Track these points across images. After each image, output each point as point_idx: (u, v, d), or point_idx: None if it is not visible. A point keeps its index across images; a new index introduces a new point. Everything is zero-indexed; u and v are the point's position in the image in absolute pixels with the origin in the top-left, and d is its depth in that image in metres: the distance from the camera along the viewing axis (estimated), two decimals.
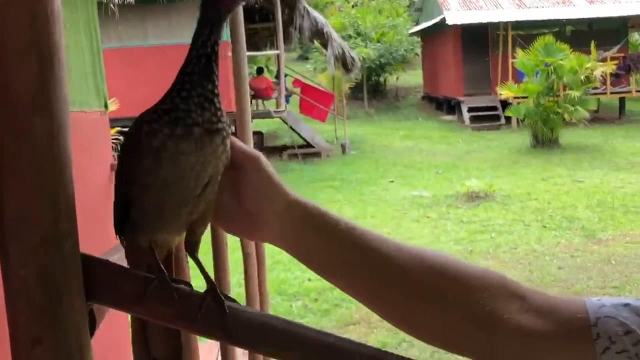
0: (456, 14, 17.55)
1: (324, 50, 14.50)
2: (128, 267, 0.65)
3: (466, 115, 17.29)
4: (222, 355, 1.52)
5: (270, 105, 13.64)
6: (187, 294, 0.59)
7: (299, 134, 13.16)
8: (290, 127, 12.93)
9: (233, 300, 0.59)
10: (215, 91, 0.55)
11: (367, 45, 19.88)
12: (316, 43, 15.77)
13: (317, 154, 12.98)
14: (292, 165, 12.28)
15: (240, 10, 3.00)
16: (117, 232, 0.63)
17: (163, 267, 0.61)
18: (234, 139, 0.62)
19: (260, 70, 14.13)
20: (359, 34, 20.70)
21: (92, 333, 0.59)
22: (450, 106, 18.92)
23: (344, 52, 13.20)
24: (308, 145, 13.16)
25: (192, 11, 9.94)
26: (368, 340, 4.40)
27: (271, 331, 0.57)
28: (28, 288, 0.52)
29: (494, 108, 17.12)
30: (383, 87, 22.09)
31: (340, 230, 0.63)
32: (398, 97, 22.10)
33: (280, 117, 12.48)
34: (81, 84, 2.67)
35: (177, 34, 10.50)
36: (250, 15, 14.02)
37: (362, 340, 4.51)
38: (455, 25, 17.43)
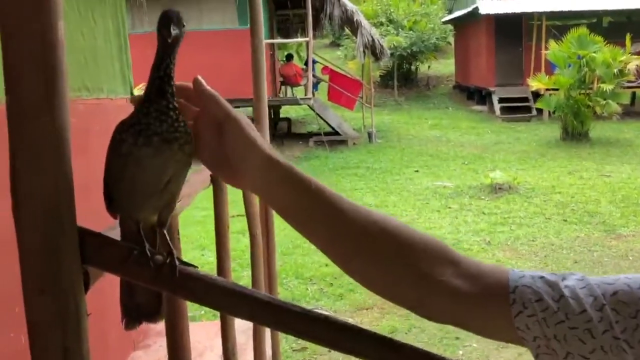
0: (489, 4, 17.34)
1: (354, 38, 14.53)
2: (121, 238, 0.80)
3: (497, 106, 17.14)
4: (222, 329, 1.67)
5: (298, 92, 13.77)
6: (162, 261, 0.74)
7: (326, 121, 13.27)
8: (317, 114, 13.04)
9: (191, 266, 0.74)
10: (170, 106, 0.69)
11: (398, 33, 19.79)
12: (347, 30, 15.80)
13: (343, 142, 13.07)
14: (318, 152, 12.40)
15: (259, 3, 3.11)
16: (108, 211, 0.78)
17: (145, 240, 0.75)
18: (218, 97, 0.73)
19: (289, 57, 14.24)
20: (390, 22, 20.62)
21: (86, 289, 0.74)
22: (481, 96, 18.76)
23: (373, 40, 13.22)
24: (335, 132, 13.27)
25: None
26: (379, 324, 4.53)
27: (216, 289, 0.72)
28: (34, 249, 0.67)
29: (526, 99, 16.92)
30: (414, 75, 21.98)
31: (310, 189, 0.72)
32: (429, 86, 21.97)
33: (307, 104, 12.59)
34: (108, 72, 2.84)
35: (207, 21, 10.70)
36: (282, 1, 14.14)
37: (374, 324, 4.65)
38: (488, 15, 17.24)
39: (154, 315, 0.84)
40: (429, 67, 22.33)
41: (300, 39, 14.89)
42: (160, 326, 3.80)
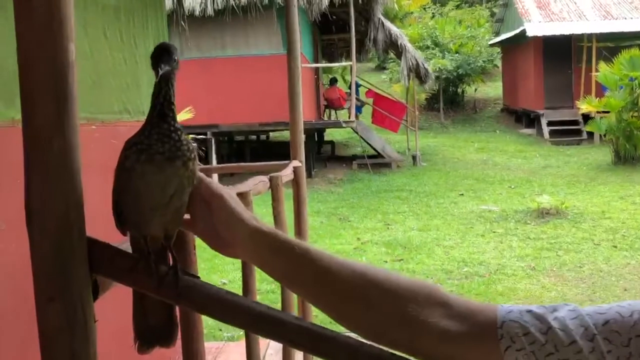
0: (537, 26, 17.12)
1: (399, 61, 14.58)
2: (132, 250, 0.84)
3: (546, 129, 16.80)
4: (247, 347, 1.70)
5: (342, 115, 13.87)
6: (165, 272, 0.78)
7: (369, 144, 13.29)
8: (361, 137, 13.08)
9: (194, 277, 0.78)
10: (172, 129, 0.74)
11: (444, 56, 19.74)
12: (392, 54, 15.88)
13: (386, 165, 13.04)
14: (361, 175, 12.40)
15: (296, 29, 3.20)
16: (117, 227, 0.83)
17: (151, 253, 0.79)
18: (204, 178, 0.80)
19: (333, 81, 14.39)
20: (436, 45, 20.60)
21: (95, 297, 0.78)
22: (529, 119, 18.44)
23: (417, 63, 13.23)
24: (378, 155, 13.26)
25: (267, 25, 10.38)
26: None
27: (215, 299, 0.75)
28: (46, 259, 0.72)
29: (576, 122, 16.54)
30: (460, 98, 21.81)
31: (295, 253, 0.78)
32: (476, 109, 21.73)
33: (350, 127, 12.67)
34: (149, 96, 2.94)
35: (253, 46, 10.95)
36: (327, 26, 14.36)
37: None
38: (536, 37, 17.01)
39: (168, 339, 0.87)
40: (475, 90, 22.13)
41: (343, 63, 15.04)
42: None
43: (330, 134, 15.95)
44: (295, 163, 3.00)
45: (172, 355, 3.24)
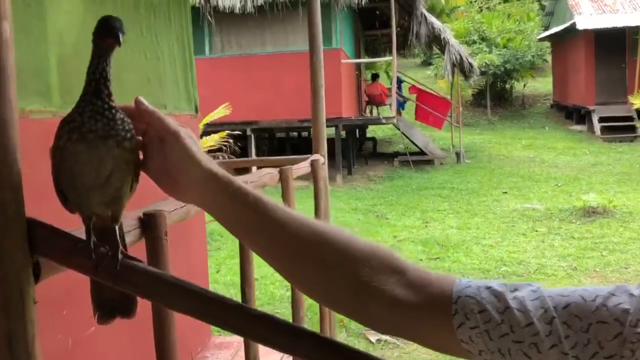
0: (588, 18, 16.53)
1: (444, 56, 14.34)
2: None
3: (597, 126, 16.22)
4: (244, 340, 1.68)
5: (384, 111, 13.75)
6: (104, 253, 0.77)
7: (412, 141, 13.13)
8: (403, 134, 12.93)
9: (135, 260, 0.76)
10: (106, 106, 0.72)
11: (491, 51, 19.30)
12: (436, 49, 15.63)
13: (429, 162, 12.85)
14: (402, 172, 12.26)
15: (318, 22, 3.17)
16: (65, 207, 0.82)
17: (92, 234, 0.78)
18: (158, 114, 0.76)
19: (374, 77, 14.28)
20: (483, 39, 20.17)
21: (37, 279, 0.78)
22: (580, 115, 17.84)
23: (461, 58, 12.98)
24: (421, 152, 13.09)
25: (305, 20, 10.37)
26: None
27: (156, 281, 0.74)
28: None
29: (629, 118, 15.89)
30: (508, 94, 21.29)
31: (249, 201, 0.73)
32: (524, 105, 21.17)
33: (392, 124, 12.54)
34: (173, 90, 2.98)
35: (292, 42, 10.97)
36: (370, 22, 14.27)
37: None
38: (586, 30, 16.42)
39: (127, 311, 0.86)
40: (524, 85, 21.55)
41: (385, 58, 14.91)
42: (220, 339, 3.88)
43: (372, 131, 15.83)
44: (315, 157, 2.98)
45: (194, 349, 3.27)
